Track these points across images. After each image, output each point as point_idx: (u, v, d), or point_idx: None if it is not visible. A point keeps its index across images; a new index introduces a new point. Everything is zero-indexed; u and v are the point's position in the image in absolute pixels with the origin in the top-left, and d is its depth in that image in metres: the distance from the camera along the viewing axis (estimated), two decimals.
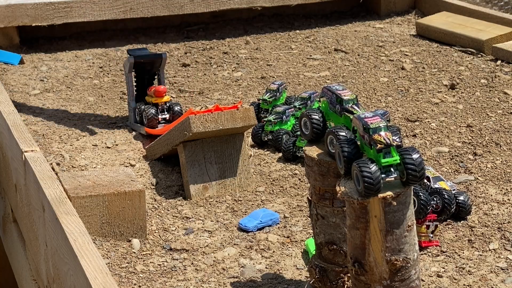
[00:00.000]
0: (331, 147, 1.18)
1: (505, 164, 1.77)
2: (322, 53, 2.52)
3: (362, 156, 1.12)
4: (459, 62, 2.40)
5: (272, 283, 1.35)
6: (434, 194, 1.50)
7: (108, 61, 2.46)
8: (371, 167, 1.07)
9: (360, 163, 1.08)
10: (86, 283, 1.14)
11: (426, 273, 1.37)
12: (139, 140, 1.90)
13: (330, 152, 1.18)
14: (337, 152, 1.13)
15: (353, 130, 1.15)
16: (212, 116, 1.62)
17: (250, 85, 2.23)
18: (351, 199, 1.06)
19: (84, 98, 2.17)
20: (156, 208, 1.60)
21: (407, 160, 1.10)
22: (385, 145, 1.10)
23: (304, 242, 1.47)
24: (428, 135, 1.92)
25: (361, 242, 1.07)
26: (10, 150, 1.71)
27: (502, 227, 1.51)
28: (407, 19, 2.84)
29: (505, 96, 2.14)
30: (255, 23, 2.79)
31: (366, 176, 1.06)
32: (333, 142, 1.18)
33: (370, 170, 1.07)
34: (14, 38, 2.55)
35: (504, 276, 1.36)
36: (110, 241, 1.46)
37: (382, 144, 1.10)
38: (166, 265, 1.41)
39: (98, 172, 1.53)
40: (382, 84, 2.25)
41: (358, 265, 1.08)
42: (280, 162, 1.79)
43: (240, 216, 1.58)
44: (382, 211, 1.04)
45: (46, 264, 1.44)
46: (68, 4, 2.53)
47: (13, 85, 2.26)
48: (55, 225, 1.33)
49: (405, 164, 1.09)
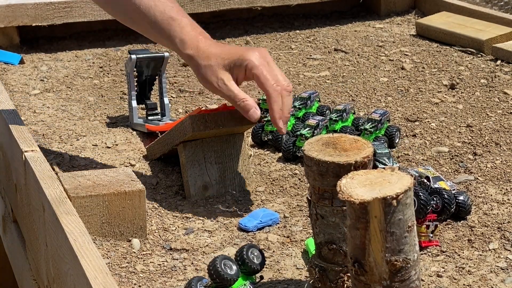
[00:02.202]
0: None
1: (505, 164, 1.77)
2: (322, 53, 2.52)
3: None
4: (459, 62, 2.40)
5: (272, 282, 1.35)
6: (434, 194, 1.50)
7: (108, 61, 2.46)
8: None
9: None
10: (86, 283, 1.14)
11: (426, 273, 1.37)
12: (139, 140, 1.90)
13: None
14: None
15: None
16: (212, 116, 1.62)
17: (250, 85, 2.23)
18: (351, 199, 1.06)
19: (84, 98, 2.17)
20: (156, 208, 1.60)
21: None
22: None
23: (304, 242, 1.47)
24: (428, 135, 1.92)
25: (361, 242, 1.07)
26: (10, 150, 1.71)
27: (502, 227, 1.52)
28: (407, 19, 2.85)
29: (505, 96, 2.15)
30: (255, 23, 2.79)
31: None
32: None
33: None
34: (14, 38, 2.55)
35: (504, 276, 1.37)
36: (110, 241, 1.46)
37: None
38: (166, 265, 1.41)
39: (98, 172, 1.53)
40: (382, 84, 2.25)
41: (358, 265, 1.08)
42: (280, 162, 1.79)
43: (240, 216, 1.58)
44: (382, 211, 1.04)
45: (46, 264, 1.44)
46: (68, 4, 2.53)
47: (13, 85, 2.26)
48: (55, 225, 1.33)
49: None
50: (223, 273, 1.23)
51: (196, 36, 1.56)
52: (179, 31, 1.56)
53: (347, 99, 2.14)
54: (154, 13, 1.59)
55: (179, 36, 1.56)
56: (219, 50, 1.53)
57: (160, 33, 1.60)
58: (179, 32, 1.56)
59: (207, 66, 1.52)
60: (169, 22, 1.58)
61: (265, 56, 1.54)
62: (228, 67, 1.51)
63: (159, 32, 1.60)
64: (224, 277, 1.23)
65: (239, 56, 1.51)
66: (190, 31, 1.58)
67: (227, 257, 1.26)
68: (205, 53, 1.53)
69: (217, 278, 1.23)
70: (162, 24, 1.59)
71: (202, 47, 1.54)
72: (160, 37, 1.62)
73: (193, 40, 1.55)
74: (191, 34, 1.57)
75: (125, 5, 1.62)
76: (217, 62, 1.51)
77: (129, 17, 1.65)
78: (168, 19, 1.58)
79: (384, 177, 1.09)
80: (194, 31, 1.58)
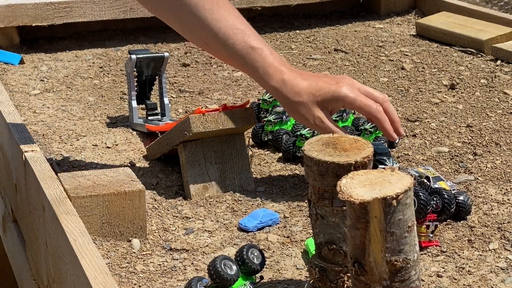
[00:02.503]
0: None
1: (505, 164, 1.77)
2: (322, 53, 2.52)
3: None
4: (459, 62, 2.40)
5: (272, 282, 1.35)
6: (434, 194, 1.50)
7: (108, 61, 2.46)
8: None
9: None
10: (86, 283, 1.14)
11: (426, 273, 1.37)
12: (139, 140, 1.90)
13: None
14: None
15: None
16: (212, 116, 1.62)
17: (250, 85, 2.23)
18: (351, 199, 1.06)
19: (84, 98, 2.17)
20: (156, 208, 1.60)
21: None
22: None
23: (304, 242, 1.47)
24: (428, 135, 1.92)
25: (361, 242, 1.07)
26: (10, 150, 1.71)
27: (502, 227, 1.51)
28: (407, 19, 2.85)
29: (505, 96, 2.15)
30: (255, 23, 2.79)
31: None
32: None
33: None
34: (14, 38, 2.55)
35: (504, 276, 1.36)
36: (110, 241, 1.46)
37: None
38: (166, 265, 1.41)
39: (98, 172, 1.53)
40: (382, 84, 2.25)
41: (358, 265, 1.08)
42: (280, 162, 1.79)
43: (240, 216, 1.58)
44: (382, 211, 1.04)
45: (46, 264, 1.44)
46: (68, 4, 2.53)
47: (13, 85, 2.26)
48: (55, 225, 1.33)
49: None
50: (223, 273, 1.23)
51: (280, 68, 1.55)
52: (261, 62, 1.55)
53: None
54: (234, 43, 1.56)
55: (261, 68, 1.55)
56: (307, 84, 1.52)
57: (241, 63, 1.57)
58: (262, 63, 1.55)
59: (299, 103, 1.52)
60: (249, 52, 1.56)
61: (353, 84, 1.53)
62: (321, 104, 1.52)
63: (240, 62, 1.57)
64: (224, 277, 1.23)
65: (332, 93, 1.51)
66: (273, 62, 1.55)
67: (227, 257, 1.26)
68: (294, 88, 1.52)
69: (217, 278, 1.23)
70: (242, 54, 1.56)
71: (288, 80, 1.53)
72: (241, 66, 1.59)
73: (277, 73, 1.55)
74: (274, 65, 1.54)
75: (200, 31, 1.59)
76: (310, 100, 1.52)
77: (205, 43, 1.61)
78: (248, 48, 1.56)
79: (384, 177, 1.09)
80: (277, 62, 1.56)
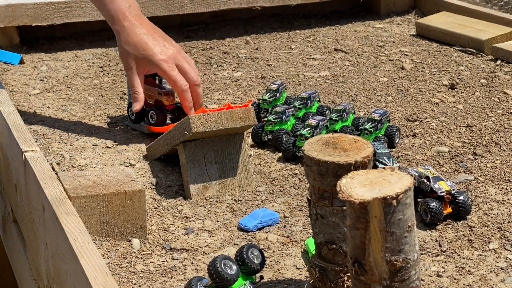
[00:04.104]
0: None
1: (505, 164, 1.77)
2: (322, 53, 2.52)
3: None
4: (459, 62, 2.40)
5: (272, 282, 1.35)
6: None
7: (108, 61, 2.46)
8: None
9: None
10: (86, 283, 1.14)
11: (426, 273, 1.37)
12: (139, 140, 1.90)
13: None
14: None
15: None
16: (212, 116, 1.62)
17: (250, 85, 2.23)
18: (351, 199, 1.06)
19: (84, 98, 2.17)
20: (156, 208, 1.60)
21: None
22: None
23: (304, 242, 1.47)
24: (428, 135, 1.92)
25: (361, 242, 1.07)
26: (10, 150, 1.71)
27: (502, 227, 1.52)
28: (407, 19, 2.85)
29: (505, 96, 2.15)
30: (255, 23, 2.79)
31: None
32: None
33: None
34: (14, 38, 2.55)
35: (504, 276, 1.37)
36: (110, 241, 1.46)
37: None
38: (166, 264, 1.41)
39: (98, 172, 1.53)
40: (382, 84, 2.25)
41: (358, 265, 1.08)
42: (280, 162, 1.79)
43: (240, 216, 1.58)
44: (382, 211, 1.04)
45: (46, 263, 1.44)
46: (68, 4, 2.53)
47: (13, 85, 2.26)
48: (55, 224, 1.33)
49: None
50: (223, 273, 1.23)
51: (125, 14, 1.79)
52: (113, 4, 1.79)
53: (347, 99, 2.14)
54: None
55: (112, 10, 1.79)
56: (139, 39, 1.78)
57: (96, 5, 1.83)
58: (112, 5, 1.79)
59: (125, 51, 1.79)
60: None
61: (175, 56, 1.80)
62: (140, 60, 1.79)
63: (96, 3, 1.83)
64: (224, 277, 1.23)
65: (150, 58, 1.78)
66: (121, 7, 1.78)
67: (227, 257, 1.26)
68: (127, 37, 1.78)
69: (217, 278, 1.23)
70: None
71: (126, 27, 1.79)
72: (97, 2, 1.82)
73: (120, 17, 1.79)
74: (122, 10, 1.78)
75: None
76: (134, 52, 1.78)
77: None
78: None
79: (384, 177, 1.09)
80: (125, 7, 1.78)
